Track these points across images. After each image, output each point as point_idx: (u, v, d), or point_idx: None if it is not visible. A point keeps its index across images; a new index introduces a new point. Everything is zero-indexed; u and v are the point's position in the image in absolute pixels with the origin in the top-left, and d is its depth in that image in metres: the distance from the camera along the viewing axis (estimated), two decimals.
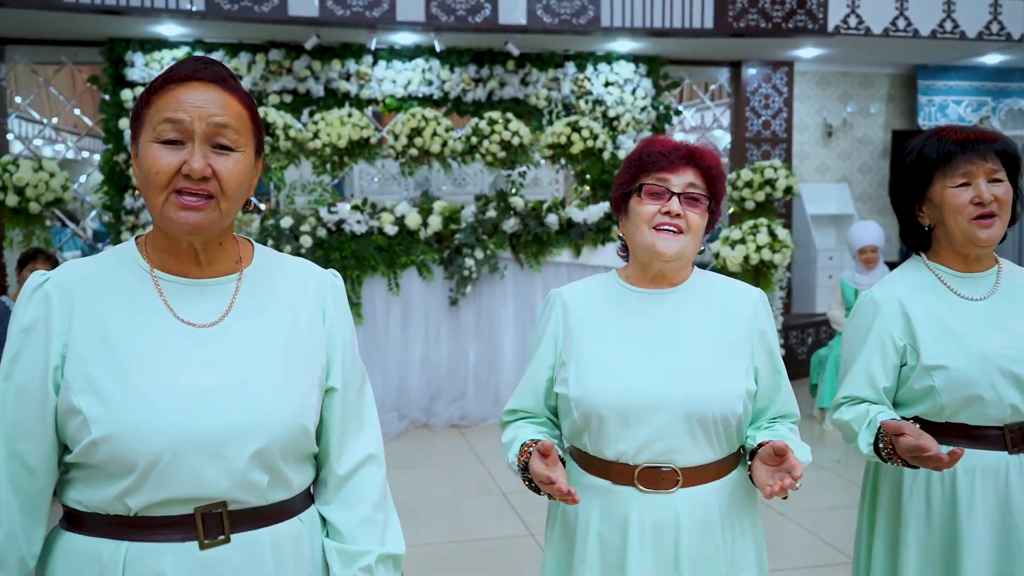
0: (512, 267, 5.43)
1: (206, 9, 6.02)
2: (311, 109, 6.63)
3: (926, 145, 1.68)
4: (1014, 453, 1.63)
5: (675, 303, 1.57)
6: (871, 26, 6.85)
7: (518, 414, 1.66)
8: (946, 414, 1.65)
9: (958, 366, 1.62)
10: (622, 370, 1.51)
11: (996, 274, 1.73)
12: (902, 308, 1.69)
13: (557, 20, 6.57)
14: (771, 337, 1.60)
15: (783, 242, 5.10)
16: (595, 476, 1.54)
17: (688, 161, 1.53)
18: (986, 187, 1.62)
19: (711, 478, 1.52)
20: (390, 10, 6.33)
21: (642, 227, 1.51)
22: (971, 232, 1.63)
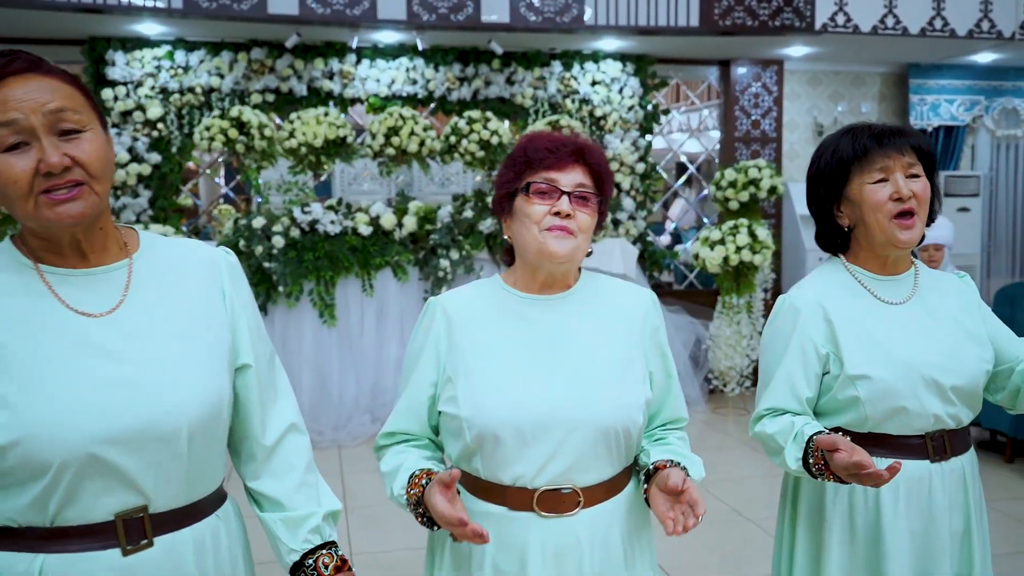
0: (489, 268, 5.36)
1: (184, 7, 5.98)
2: (294, 108, 6.59)
3: (841, 142, 1.61)
4: (935, 462, 1.58)
5: (566, 309, 1.48)
6: (859, 24, 6.76)
7: (397, 437, 1.52)
8: (870, 425, 1.58)
9: (883, 376, 1.55)
10: (517, 385, 1.40)
11: (914, 277, 1.67)
12: (824, 314, 1.61)
13: (541, 18, 6.50)
14: (662, 337, 1.54)
15: (763, 243, 5.03)
16: (489, 503, 1.42)
17: (577, 158, 1.45)
18: (904, 182, 1.56)
19: (611, 495, 1.44)
20: (371, 8, 6.28)
21: (531, 228, 1.42)
22: (891, 232, 1.56)
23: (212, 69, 6.74)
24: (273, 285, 4.94)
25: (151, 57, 6.66)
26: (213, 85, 6.69)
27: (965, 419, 1.61)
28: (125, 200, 6.61)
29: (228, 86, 6.71)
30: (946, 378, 1.56)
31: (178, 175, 6.82)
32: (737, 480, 4.35)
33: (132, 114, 6.62)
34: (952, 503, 1.58)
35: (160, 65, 6.69)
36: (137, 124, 6.62)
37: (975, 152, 8.32)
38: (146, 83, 6.65)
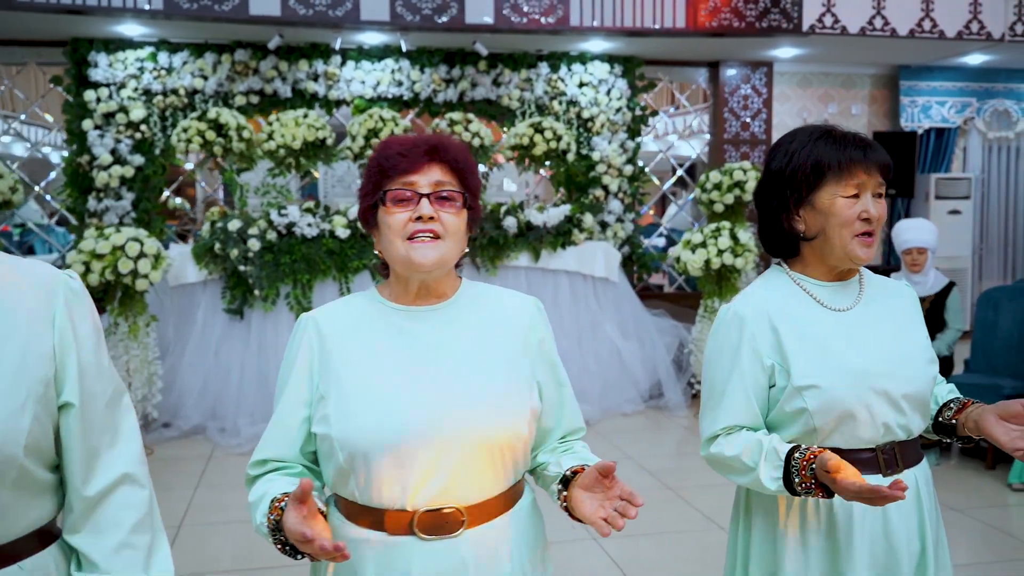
0: (469, 271, 5.31)
1: (165, 8, 5.93)
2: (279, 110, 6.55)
3: (819, 146, 1.51)
4: (888, 475, 1.51)
5: (445, 320, 1.40)
6: (847, 25, 6.71)
7: (268, 465, 1.40)
8: (819, 437, 1.51)
9: (830, 385, 1.48)
10: (392, 401, 1.32)
11: (859, 282, 1.61)
12: (770, 322, 1.54)
13: (525, 20, 6.45)
14: (550, 347, 1.46)
15: (745, 246, 4.97)
16: (367, 528, 1.33)
17: (432, 156, 1.36)
18: (872, 202, 1.50)
19: (498, 513, 1.36)
20: (354, 9, 6.24)
21: (394, 239, 1.34)
22: (852, 249, 1.50)
23: (195, 71, 6.70)
24: (249, 288, 4.89)
25: (134, 58, 6.62)
26: (196, 87, 6.65)
27: (915, 429, 1.55)
28: (108, 202, 6.57)
29: (212, 88, 6.67)
30: (896, 386, 1.50)
31: (162, 177, 6.78)
32: (718, 486, 4.30)
33: (115, 116, 6.57)
34: (907, 516, 1.53)
35: (143, 67, 6.65)
36: (120, 126, 6.58)
37: (967, 154, 8.26)
38: (129, 85, 6.61)
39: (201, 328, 4.95)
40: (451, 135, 1.51)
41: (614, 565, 3.31)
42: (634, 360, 5.40)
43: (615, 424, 5.19)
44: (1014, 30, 6.89)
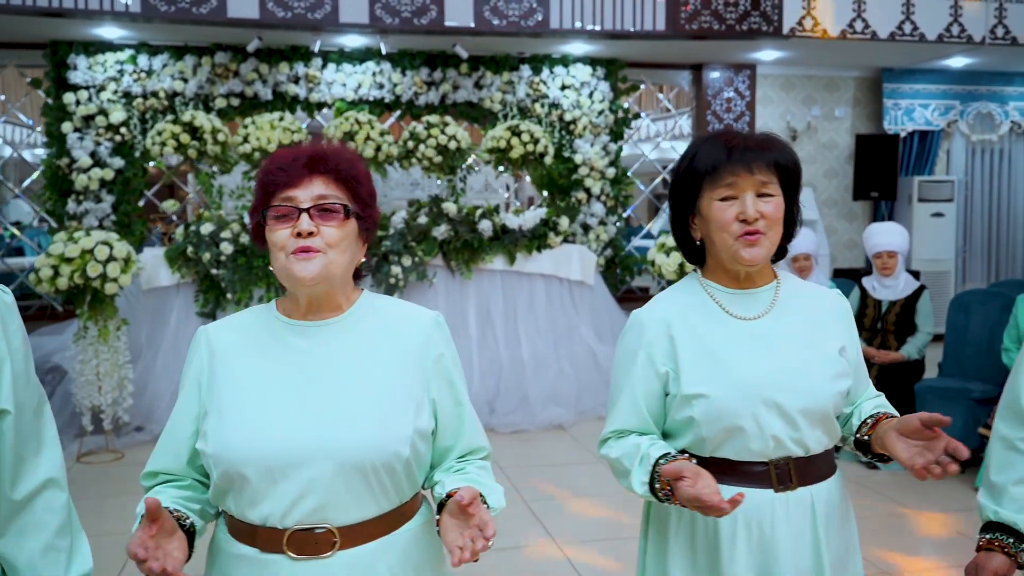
0: (444, 275, 5.31)
1: (143, 11, 5.93)
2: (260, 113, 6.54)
3: (699, 151, 1.51)
4: (779, 491, 1.48)
5: (334, 335, 1.38)
6: (827, 28, 6.72)
7: (159, 477, 1.39)
8: (708, 448, 1.50)
9: (718, 395, 1.46)
10: (266, 418, 1.31)
11: (774, 290, 1.56)
12: (668, 330, 1.53)
13: (505, 22, 6.45)
14: (449, 364, 1.43)
15: None
16: (243, 544, 1.33)
17: (313, 169, 1.35)
18: (752, 202, 1.45)
19: (376, 535, 1.34)
20: (333, 12, 6.23)
21: (278, 255, 1.34)
22: (735, 250, 1.47)
23: (175, 73, 6.70)
24: (222, 292, 4.88)
25: (114, 61, 6.61)
26: (177, 89, 6.65)
27: (814, 445, 1.49)
28: (88, 205, 6.57)
29: (192, 90, 6.67)
30: (791, 400, 1.46)
31: (142, 180, 6.77)
32: None
33: (94, 118, 6.57)
34: (796, 536, 1.48)
35: (123, 69, 6.64)
36: (99, 128, 6.57)
37: (950, 157, 8.26)
38: (108, 87, 6.60)
39: (174, 332, 4.94)
40: (340, 145, 1.48)
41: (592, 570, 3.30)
42: (610, 363, 5.38)
43: (589, 427, 5.18)
44: (995, 33, 6.89)
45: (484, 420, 5.48)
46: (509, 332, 5.32)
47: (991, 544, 1.57)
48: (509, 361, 5.26)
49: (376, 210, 1.44)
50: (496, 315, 5.31)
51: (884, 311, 4.67)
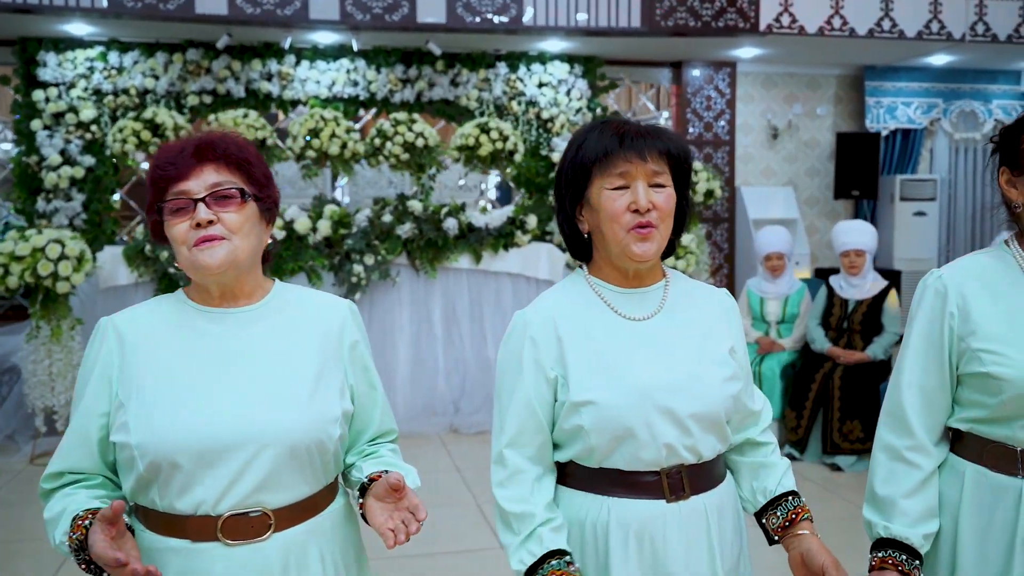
0: (408, 274, 5.24)
1: (110, 6, 5.86)
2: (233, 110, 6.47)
3: (588, 138, 1.43)
4: (672, 502, 1.40)
5: (251, 321, 1.38)
6: (805, 25, 6.64)
7: (65, 478, 1.36)
8: (596, 458, 1.41)
9: (608, 401, 1.37)
10: (195, 405, 1.30)
11: (663, 289, 1.49)
12: (555, 331, 1.43)
13: (479, 19, 6.39)
14: (364, 350, 1.46)
15: (687, 248, 4.89)
16: (170, 537, 1.31)
17: (203, 157, 1.32)
18: (644, 192, 1.38)
19: (308, 516, 1.35)
20: (303, 8, 6.17)
21: (180, 249, 1.33)
22: (627, 245, 1.39)
23: (147, 70, 6.63)
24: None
25: (84, 58, 6.55)
26: (148, 87, 6.58)
27: (707, 452, 1.43)
28: (57, 204, 6.50)
29: (163, 87, 6.60)
30: (682, 404, 1.38)
31: (114, 178, 6.71)
32: None
33: (64, 116, 6.50)
34: (690, 546, 1.41)
35: (93, 66, 6.57)
36: (70, 126, 6.50)
37: (933, 155, 8.19)
38: (79, 84, 6.54)
39: None
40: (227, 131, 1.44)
41: None
42: None
43: None
44: (975, 30, 6.81)
45: (449, 420, 5.44)
46: (475, 331, 5.26)
47: (884, 563, 1.50)
48: (475, 361, 5.20)
49: (274, 190, 1.42)
50: (462, 314, 5.24)
51: (851, 310, 4.60)
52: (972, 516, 1.47)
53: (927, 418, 1.52)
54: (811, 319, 4.78)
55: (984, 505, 1.46)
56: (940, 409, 1.52)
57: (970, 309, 1.48)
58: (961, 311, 1.48)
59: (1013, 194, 1.50)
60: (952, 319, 1.49)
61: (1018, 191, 1.49)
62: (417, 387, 5.18)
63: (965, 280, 1.50)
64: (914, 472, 1.50)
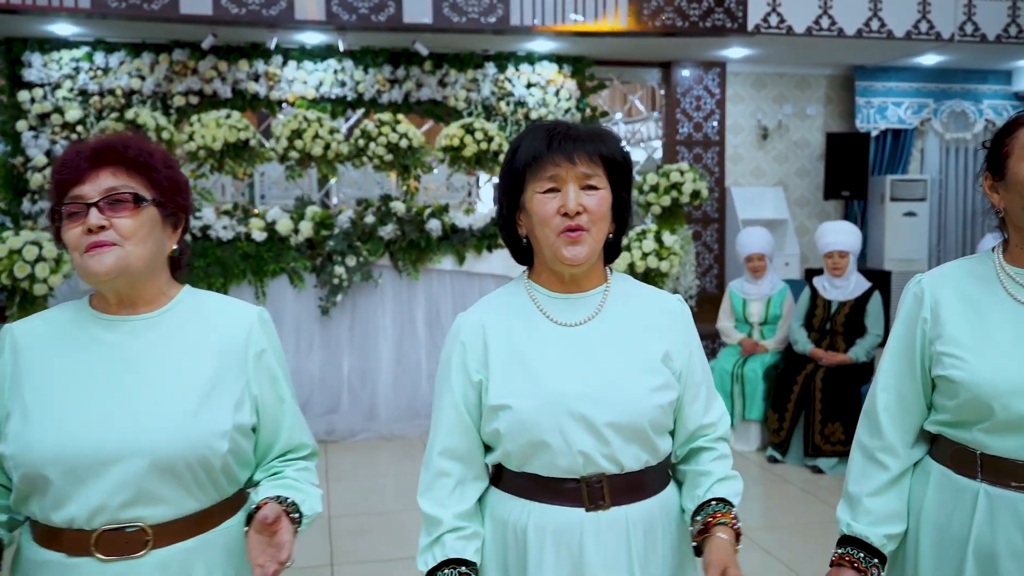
0: (391, 275, 5.21)
1: (93, 7, 5.84)
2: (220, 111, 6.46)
3: (522, 143, 1.42)
4: (591, 511, 1.38)
5: (146, 329, 1.35)
6: (793, 25, 6.62)
7: None
8: (516, 462, 1.40)
9: (523, 407, 1.36)
10: (71, 416, 1.27)
11: (602, 295, 1.46)
12: (483, 335, 1.43)
13: (465, 19, 6.36)
14: (272, 360, 1.41)
15: (670, 249, 4.87)
16: (47, 549, 1.29)
17: (96, 163, 1.30)
18: (575, 195, 1.36)
19: (193, 533, 1.31)
20: (288, 8, 6.15)
21: (74, 254, 1.31)
22: (558, 249, 1.37)
23: (133, 71, 6.61)
24: None
25: (69, 59, 6.53)
26: (134, 87, 6.56)
27: (629, 463, 1.39)
28: (43, 205, 6.47)
29: (149, 88, 6.58)
30: (600, 413, 1.36)
31: None
32: None
33: (50, 116, 6.48)
34: (609, 558, 1.38)
35: (79, 67, 6.56)
36: (55, 127, 6.48)
37: (924, 156, 8.16)
38: (64, 85, 6.52)
39: None
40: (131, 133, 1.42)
41: None
42: None
43: None
44: (964, 30, 6.79)
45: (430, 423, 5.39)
46: None
47: (842, 559, 1.52)
48: None
49: (183, 196, 1.39)
50: (445, 317, 5.22)
51: (834, 312, 4.58)
52: (933, 516, 1.49)
53: (899, 420, 1.53)
54: (794, 320, 4.76)
55: (945, 506, 1.48)
56: (914, 412, 1.54)
57: (941, 314, 1.49)
58: (933, 315, 1.50)
59: (995, 199, 1.50)
60: (925, 323, 1.51)
61: (1000, 196, 1.48)
62: (400, 389, 5.16)
63: (943, 285, 1.52)
64: (882, 472, 1.52)
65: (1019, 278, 1.47)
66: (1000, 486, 1.41)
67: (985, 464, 1.43)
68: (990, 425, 1.41)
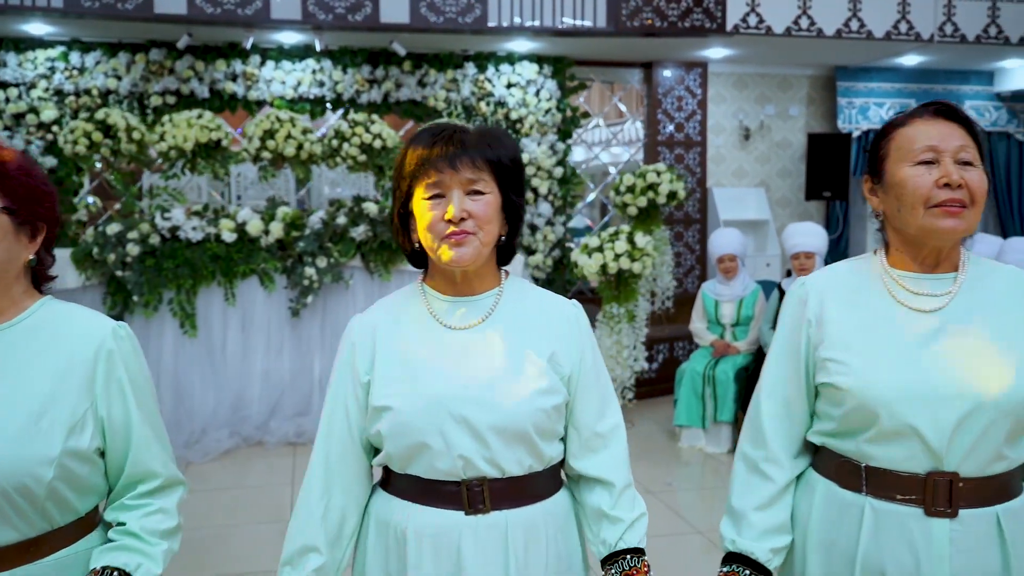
0: (362, 276, 5.18)
1: (65, 6, 5.81)
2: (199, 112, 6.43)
3: (409, 148, 1.40)
4: (470, 514, 1.36)
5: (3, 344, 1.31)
6: (772, 25, 6.60)
7: None
8: (398, 464, 1.39)
9: (403, 408, 1.35)
10: None
11: (495, 298, 1.44)
12: (373, 337, 1.41)
13: (442, 19, 6.34)
14: (123, 378, 1.34)
15: (643, 250, 4.85)
16: None
17: None
18: (459, 201, 1.34)
19: (14, 563, 1.24)
20: (264, 8, 6.11)
21: None
22: (441, 252, 1.36)
23: (109, 71, 6.57)
24: (129, 294, 4.77)
25: (44, 58, 6.49)
26: (110, 87, 6.52)
27: (512, 467, 1.37)
28: None
29: (126, 88, 6.55)
30: (480, 416, 1.34)
31: (78, 179, 6.65)
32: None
33: (25, 117, 6.44)
34: (486, 563, 1.36)
35: (54, 66, 6.52)
36: (30, 127, 6.44)
37: None
38: (39, 85, 6.48)
39: None
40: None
41: None
42: None
43: None
44: (943, 31, 6.78)
45: None
46: None
47: None
48: None
49: (44, 205, 1.33)
50: None
51: None
52: (820, 532, 1.44)
53: (785, 429, 1.48)
54: (764, 322, 4.73)
55: (831, 521, 1.43)
56: (799, 420, 1.49)
57: (825, 317, 1.44)
58: (817, 319, 1.45)
59: (874, 202, 1.48)
60: (809, 327, 1.45)
61: (879, 199, 1.45)
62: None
63: (827, 288, 1.47)
64: (767, 485, 1.47)
65: (902, 281, 1.43)
66: (885, 500, 1.37)
67: (870, 477, 1.39)
68: (875, 434, 1.37)
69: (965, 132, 1.40)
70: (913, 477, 1.36)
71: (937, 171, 1.36)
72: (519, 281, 1.50)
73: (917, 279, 1.43)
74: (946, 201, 1.35)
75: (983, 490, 1.36)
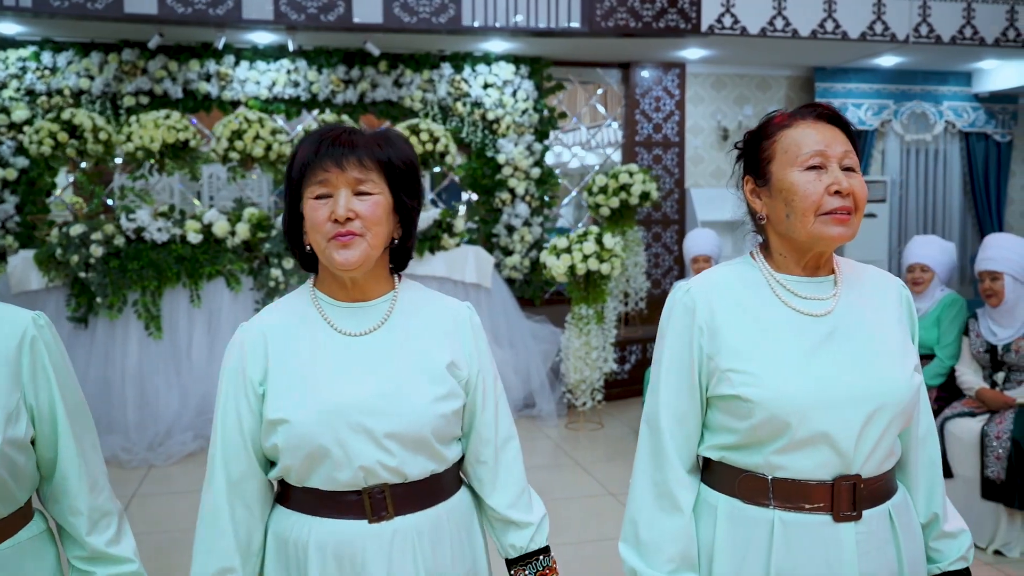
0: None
1: (33, 5, 5.76)
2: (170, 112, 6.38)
3: (298, 148, 1.37)
4: (374, 522, 1.33)
5: None
6: (747, 26, 6.59)
7: None
8: (296, 477, 1.35)
9: (301, 420, 1.31)
10: None
11: (390, 303, 1.41)
12: (265, 345, 1.37)
13: (416, 19, 6.31)
14: (47, 362, 1.31)
15: (611, 251, 4.83)
16: None
17: None
18: (345, 200, 1.30)
19: None
20: (236, 8, 6.08)
21: None
22: (329, 254, 1.33)
23: (81, 71, 6.53)
24: (93, 296, 4.73)
25: (16, 58, 6.44)
26: (83, 87, 6.48)
27: (415, 472, 1.36)
28: None
29: (99, 88, 6.50)
30: (380, 423, 1.32)
31: (50, 180, 6.60)
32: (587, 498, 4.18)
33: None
34: (394, 570, 1.34)
35: (25, 66, 6.47)
36: (1, 127, 6.39)
37: (885, 157, 8.15)
38: (10, 85, 6.43)
39: None
40: None
41: None
42: (507, 368, 5.25)
43: None
44: (919, 31, 6.78)
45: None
46: None
47: None
48: None
49: None
50: None
51: None
52: (727, 556, 1.37)
53: (684, 446, 1.41)
54: None
55: (738, 543, 1.36)
56: (693, 436, 1.42)
57: (718, 325, 1.38)
58: (709, 327, 1.38)
59: (757, 205, 1.43)
60: (701, 335, 1.38)
61: (763, 202, 1.41)
62: None
63: (714, 294, 1.40)
64: (678, 510, 1.38)
65: (790, 285, 1.39)
66: (793, 511, 1.33)
67: (777, 489, 1.33)
68: (786, 444, 1.32)
69: (846, 137, 1.37)
70: (820, 485, 1.33)
71: (827, 177, 1.33)
72: (413, 285, 1.48)
73: (802, 283, 1.40)
74: (837, 209, 1.32)
75: (878, 489, 1.36)
